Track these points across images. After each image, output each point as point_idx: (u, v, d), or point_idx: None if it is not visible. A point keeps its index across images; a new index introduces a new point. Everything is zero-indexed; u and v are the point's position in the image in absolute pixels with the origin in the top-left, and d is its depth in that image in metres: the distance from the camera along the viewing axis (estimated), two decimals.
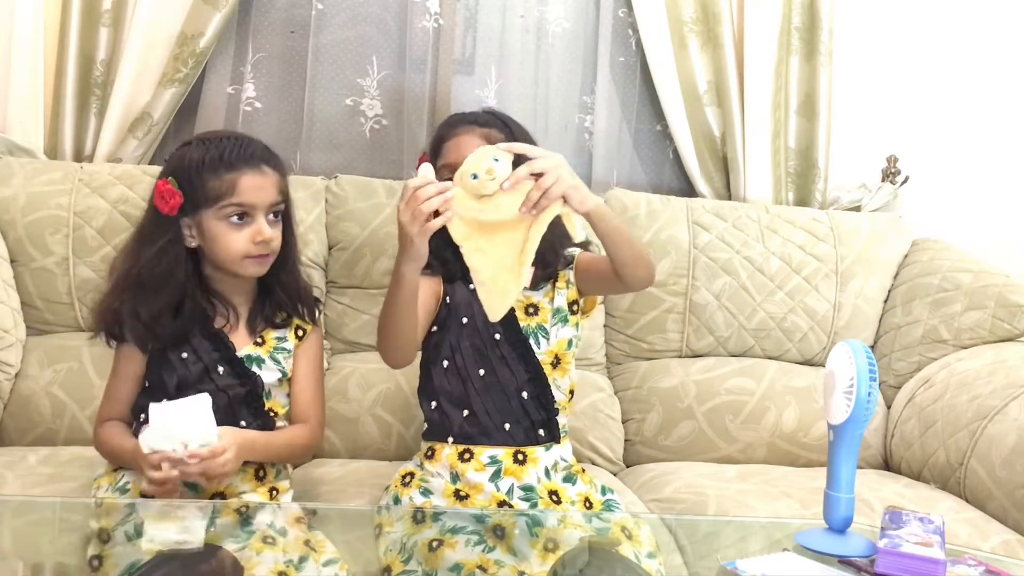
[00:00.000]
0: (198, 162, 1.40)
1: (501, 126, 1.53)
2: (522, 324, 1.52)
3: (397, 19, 2.23)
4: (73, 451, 1.75)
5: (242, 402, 1.44)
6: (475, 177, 1.33)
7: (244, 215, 1.40)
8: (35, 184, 1.92)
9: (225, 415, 1.40)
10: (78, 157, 2.08)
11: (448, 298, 1.54)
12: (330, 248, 2.04)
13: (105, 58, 2.07)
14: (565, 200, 1.34)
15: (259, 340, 1.48)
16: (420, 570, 1.26)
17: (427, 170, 1.35)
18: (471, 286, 1.41)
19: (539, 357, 1.52)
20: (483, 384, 1.50)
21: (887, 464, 2.03)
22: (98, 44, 2.07)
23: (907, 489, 1.81)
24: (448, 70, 2.26)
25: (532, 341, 1.52)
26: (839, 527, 1.25)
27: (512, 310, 1.50)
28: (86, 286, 1.91)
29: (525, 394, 1.51)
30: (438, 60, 2.25)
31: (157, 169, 1.78)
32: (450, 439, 1.51)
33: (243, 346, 1.47)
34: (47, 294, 1.91)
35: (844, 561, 1.21)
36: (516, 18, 2.27)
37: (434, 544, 1.31)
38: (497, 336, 1.52)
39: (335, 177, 2.08)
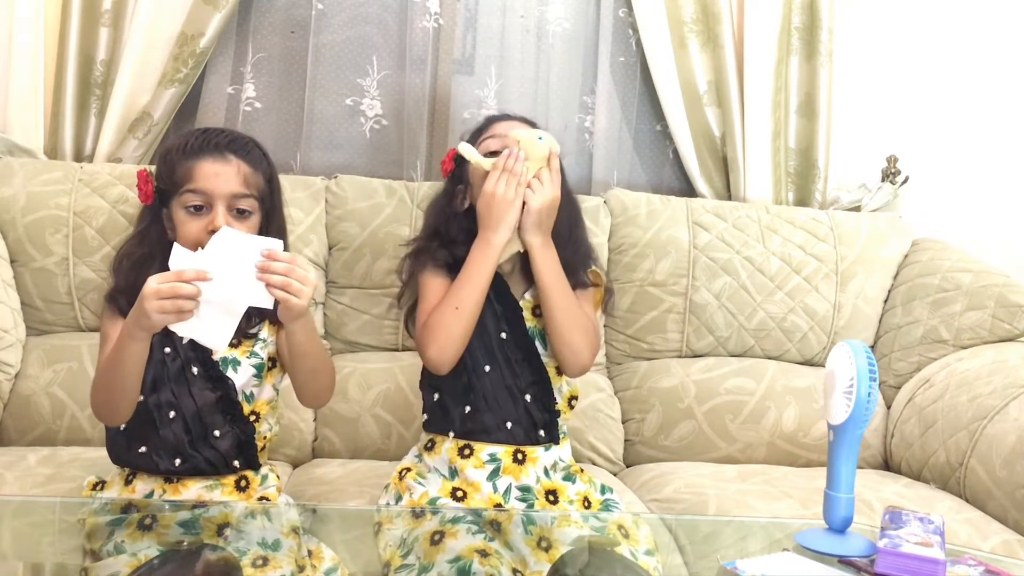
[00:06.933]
0: (171, 151, 1.40)
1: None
2: (528, 326, 1.53)
3: (397, 19, 2.23)
4: (73, 451, 1.75)
5: (213, 408, 1.39)
6: (540, 139, 1.47)
7: (202, 205, 1.36)
8: (35, 184, 1.92)
9: (193, 423, 1.38)
10: (78, 157, 2.08)
11: None
12: (330, 248, 2.03)
13: (105, 58, 2.08)
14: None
15: (235, 342, 1.42)
16: (418, 564, 1.26)
17: None
18: None
19: (543, 360, 1.53)
20: (488, 381, 1.50)
21: (887, 464, 2.03)
22: (98, 44, 2.07)
23: (907, 489, 1.81)
24: (448, 70, 2.26)
25: (538, 343, 1.53)
26: (839, 527, 1.24)
27: (520, 310, 1.51)
28: (86, 286, 1.91)
29: (528, 396, 1.52)
30: (438, 60, 2.25)
31: None
32: (451, 434, 1.51)
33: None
34: (47, 294, 1.91)
35: (844, 561, 1.20)
36: (516, 18, 2.27)
37: (436, 537, 1.31)
38: (503, 335, 1.52)
39: (335, 177, 2.08)
